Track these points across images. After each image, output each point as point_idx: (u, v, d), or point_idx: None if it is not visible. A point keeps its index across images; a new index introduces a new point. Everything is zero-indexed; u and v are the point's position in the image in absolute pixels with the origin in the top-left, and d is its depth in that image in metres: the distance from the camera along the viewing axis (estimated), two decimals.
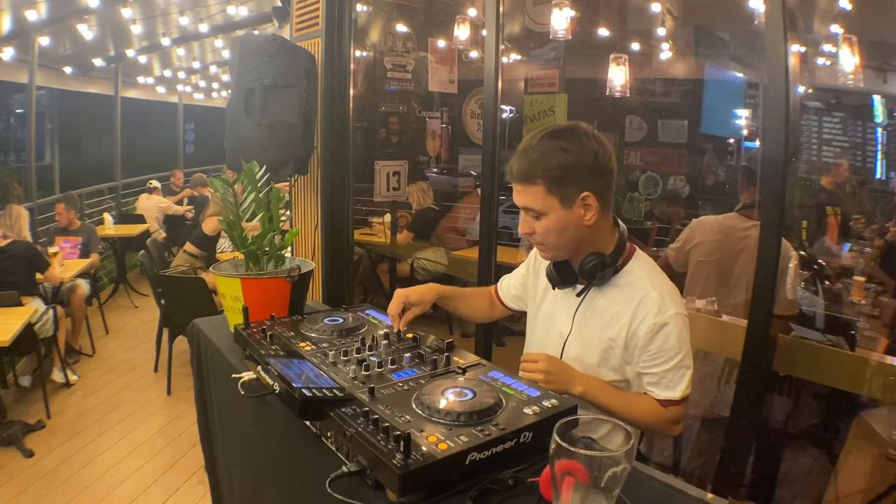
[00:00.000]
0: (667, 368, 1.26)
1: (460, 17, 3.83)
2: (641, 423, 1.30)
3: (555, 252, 1.32)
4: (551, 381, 1.20)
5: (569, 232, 1.26)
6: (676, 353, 1.25)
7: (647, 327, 1.25)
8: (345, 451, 0.97)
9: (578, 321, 1.36)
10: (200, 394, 1.73)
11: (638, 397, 1.31)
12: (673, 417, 1.29)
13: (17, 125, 12.03)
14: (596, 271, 1.28)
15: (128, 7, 6.02)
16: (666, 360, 1.26)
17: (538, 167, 1.22)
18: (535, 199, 1.24)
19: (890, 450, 1.87)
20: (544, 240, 1.29)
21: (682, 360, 1.26)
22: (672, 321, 1.24)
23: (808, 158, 4.07)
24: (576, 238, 1.28)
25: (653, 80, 4.73)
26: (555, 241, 1.28)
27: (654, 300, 1.26)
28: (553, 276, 1.37)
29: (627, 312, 1.28)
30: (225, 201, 1.63)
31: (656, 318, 1.24)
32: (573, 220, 1.25)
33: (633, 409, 1.28)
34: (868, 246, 2.82)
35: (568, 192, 1.23)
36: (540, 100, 3.84)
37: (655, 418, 1.28)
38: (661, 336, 1.25)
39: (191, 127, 13.89)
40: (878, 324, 2.25)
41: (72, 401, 3.99)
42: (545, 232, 1.27)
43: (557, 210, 1.24)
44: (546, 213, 1.25)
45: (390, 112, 4.24)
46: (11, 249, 3.99)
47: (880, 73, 3.55)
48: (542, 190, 1.23)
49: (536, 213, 1.26)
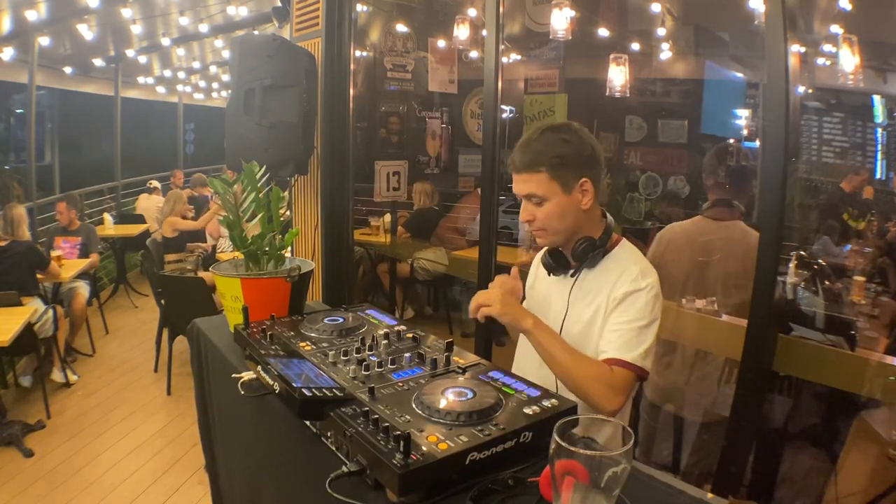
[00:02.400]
0: (627, 328, 1.32)
1: (460, 17, 3.83)
2: (580, 381, 1.27)
3: (554, 237, 1.41)
4: (505, 311, 1.25)
5: (568, 216, 1.37)
6: (641, 318, 1.32)
7: (621, 292, 1.35)
8: (345, 451, 0.97)
9: (573, 301, 1.44)
10: (200, 394, 1.73)
11: (586, 357, 1.34)
12: (615, 382, 1.28)
13: (17, 125, 12.03)
14: (587, 252, 1.39)
15: (128, 7, 6.02)
16: (629, 320, 1.32)
17: (542, 156, 1.34)
18: (538, 186, 1.35)
19: (890, 450, 1.87)
20: (545, 225, 1.38)
21: (644, 327, 1.32)
22: (645, 290, 1.34)
23: (809, 158, 4.07)
24: (574, 222, 1.39)
25: (653, 80, 4.73)
26: (556, 226, 1.38)
27: (633, 272, 1.37)
28: (549, 263, 1.47)
29: (609, 281, 1.38)
30: (225, 201, 1.63)
31: (631, 285, 1.35)
32: (572, 205, 1.36)
33: (577, 362, 1.30)
34: (868, 246, 2.82)
35: (568, 179, 1.34)
36: (540, 100, 3.84)
37: (596, 378, 1.28)
38: (630, 299, 1.34)
39: (191, 127, 13.89)
40: (878, 324, 2.25)
41: (72, 401, 3.99)
42: (547, 217, 1.37)
43: (559, 195, 1.35)
44: (548, 199, 1.36)
45: (390, 112, 4.24)
46: (12, 249, 4.00)
47: (880, 73, 3.55)
48: (546, 177, 1.34)
49: (540, 198, 1.36)
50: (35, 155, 7.35)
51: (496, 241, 2.67)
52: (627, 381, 1.30)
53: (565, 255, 1.45)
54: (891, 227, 3.02)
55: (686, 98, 4.67)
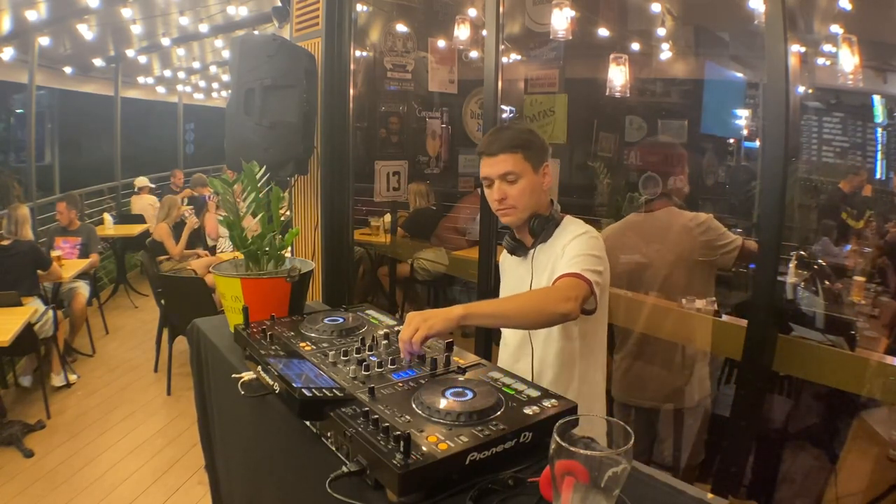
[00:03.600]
0: (573, 257, 1.46)
1: (460, 17, 3.83)
2: (530, 307, 1.37)
3: (521, 213, 1.58)
4: (430, 325, 1.22)
5: (535, 194, 1.57)
6: (586, 251, 1.47)
7: (567, 240, 1.52)
8: (345, 451, 0.97)
9: (535, 272, 1.60)
10: (200, 394, 1.73)
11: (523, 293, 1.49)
12: (563, 286, 1.39)
13: (17, 125, 12.02)
14: (543, 225, 1.57)
15: (128, 7, 6.02)
16: (575, 254, 1.47)
17: (517, 139, 1.55)
18: (515, 164, 1.53)
19: (890, 450, 1.87)
20: (517, 202, 1.56)
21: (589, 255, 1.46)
22: (588, 234, 1.53)
23: (809, 158, 4.07)
24: (537, 201, 1.58)
25: (653, 80, 4.72)
26: (525, 202, 1.56)
27: (576, 228, 1.57)
28: (511, 244, 1.65)
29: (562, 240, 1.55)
30: (225, 201, 1.63)
31: (574, 233, 1.53)
32: (538, 185, 1.57)
33: (521, 299, 1.44)
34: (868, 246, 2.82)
35: (536, 161, 1.56)
36: (540, 100, 3.83)
37: (545, 295, 1.41)
38: (575, 241, 1.51)
39: (191, 127, 13.87)
40: (878, 324, 2.25)
41: (72, 401, 3.99)
42: (520, 194, 1.55)
43: (530, 174, 1.55)
44: (522, 176, 1.54)
45: (390, 112, 4.23)
46: (15, 248, 4.00)
47: (880, 73, 3.55)
48: (521, 157, 1.54)
49: (516, 175, 1.54)
50: (35, 155, 7.34)
51: (496, 241, 2.67)
52: (575, 284, 1.40)
53: (521, 238, 1.63)
54: (891, 228, 3.02)
55: (686, 98, 4.67)
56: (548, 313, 1.35)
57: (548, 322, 1.41)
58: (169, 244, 5.42)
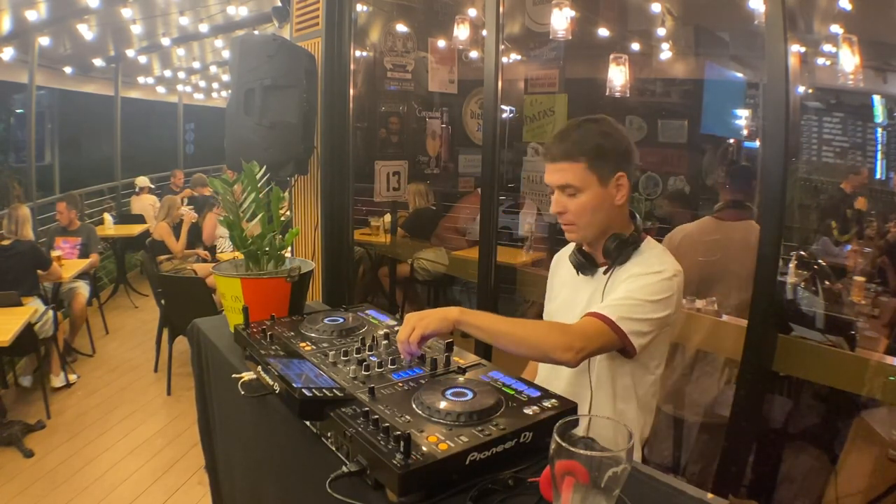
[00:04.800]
0: (624, 294, 1.26)
1: (460, 17, 3.83)
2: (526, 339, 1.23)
3: (584, 231, 1.37)
4: (426, 324, 1.17)
5: (602, 211, 1.33)
6: (641, 293, 1.25)
7: (630, 273, 1.31)
8: (345, 451, 0.97)
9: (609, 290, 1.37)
10: (200, 394, 1.73)
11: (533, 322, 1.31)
12: (575, 328, 1.23)
13: (17, 125, 12.02)
14: (622, 249, 1.34)
15: (128, 7, 6.02)
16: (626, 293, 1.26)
17: (581, 146, 1.31)
18: (575, 176, 1.31)
19: (890, 450, 1.87)
20: (577, 218, 1.34)
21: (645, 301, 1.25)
22: (657, 273, 1.28)
23: (809, 158, 4.07)
24: (606, 218, 1.35)
25: (653, 80, 4.72)
26: (588, 219, 1.34)
27: (650, 260, 1.34)
28: (579, 261, 1.42)
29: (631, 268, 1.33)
30: (225, 201, 1.63)
31: (643, 268, 1.31)
32: (607, 199, 1.33)
33: (523, 326, 1.28)
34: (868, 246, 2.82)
35: (605, 171, 1.31)
36: (540, 100, 3.84)
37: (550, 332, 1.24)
38: (638, 278, 1.29)
39: (191, 127, 13.87)
40: (878, 324, 2.25)
41: (72, 401, 3.99)
42: (580, 209, 1.33)
43: (595, 187, 1.31)
44: (583, 190, 1.32)
45: (390, 112, 4.23)
46: (15, 248, 4.00)
47: (880, 73, 3.55)
48: (584, 167, 1.31)
49: (575, 189, 1.32)
50: (35, 155, 7.35)
51: (496, 242, 2.67)
52: (596, 330, 1.22)
53: (592, 254, 1.41)
54: (891, 228, 3.02)
55: (686, 98, 4.67)
56: (541, 353, 1.23)
57: (542, 360, 1.29)
58: (170, 242, 5.42)
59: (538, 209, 3.82)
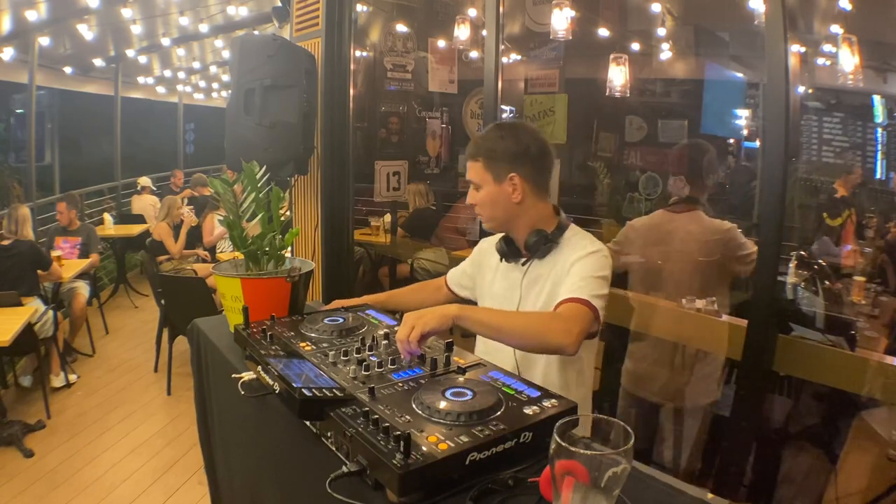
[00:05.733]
0: (580, 279, 1.40)
1: (460, 17, 3.83)
2: (532, 329, 1.31)
3: (490, 222, 1.56)
4: (425, 322, 1.20)
5: (499, 206, 1.51)
6: (593, 272, 1.41)
7: (574, 258, 1.46)
8: (345, 451, 0.97)
9: (525, 289, 1.55)
10: (200, 394, 1.73)
11: (528, 311, 1.43)
12: (569, 314, 1.32)
13: (17, 125, 12.02)
14: (539, 244, 1.51)
15: (128, 7, 6.02)
16: (582, 276, 1.40)
17: (479, 148, 1.51)
18: (475, 173, 1.52)
19: (890, 450, 1.87)
20: (481, 210, 1.54)
21: (597, 277, 1.40)
22: (596, 253, 1.46)
23: (809, 158, 4.07)
24: (506, 213, 1.51)
25: (653, 80, 4.72)
26: (489, 212, 1.53)
27: (584, 244, 1.49)
28: (503, 249, 1.58)
29: (562, 259, 1.49)
30: (225, 201, 1.63)
31: (582, 251, 1.46)
32: (502, 196, 1.49)
33: (524, 319, 1.37)
34: (868, 246, 2.82)
35: (499, 171, 1.49)
36: (540, 100, 3.83)
37: (550, 319, 1.33)
38: (583, 261, 1.44)
39: (191, 127, 13.87)
40: (878, 324, 2.25)
41: (72, 401, 3.99)
42: (481, 202, 1.52)
43: (490, 184, 1.50)
44: (482, 186, 1.51)
45: (390, 112, 4.23)
46: (15, 248, 4.00)
47: (880, 73, 3.54)
48: (481, 166, 1.50)
49: (476, 184, 1.52)
50: (35, 155, 7.34)
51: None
52: (581, 313, 1.33)
53: (517, 244, 1.57)
54: (891, 228, 3.02)
55: (686, 98, 4.66)
56: (545, 342, 1.30)
57: (542, 350, 1.35)
58: (168, 243, 5.42)
59: None
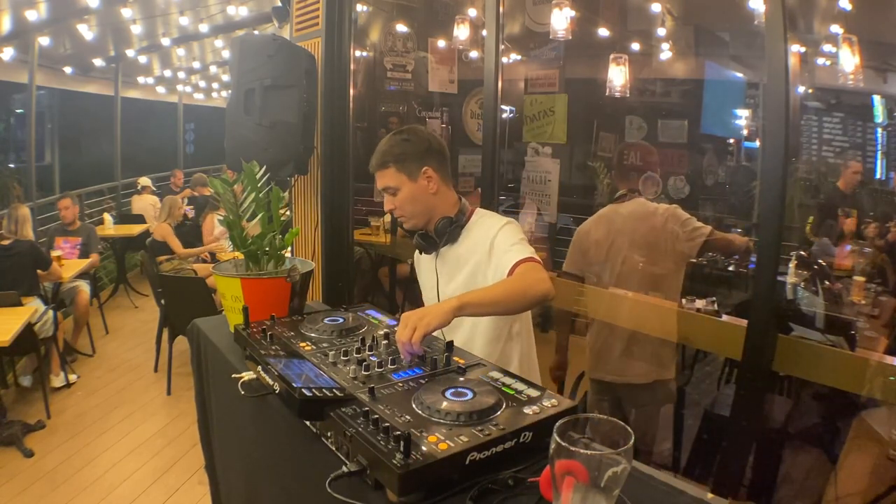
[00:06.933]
0: (513, 245, 1.54)
1: (460, 17, 3.83)
2: (516, 292, 1.43)
3: (414, 220, 1.65)
4: (427, 322, 1.22)
5: (419, 201, 1.62)
6: (519, 238, 1.57)
7: (493, 233, 1.59)
8: (345, 451, 0.97)
9: (441, 271, 1.69)
10: (200, 394, 1.73)
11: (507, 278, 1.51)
12: (530, 270, 1.47)
13: (17, 125, 12.02)
14: (446, 228, 1.63)
15: (128, 7, 6.02)
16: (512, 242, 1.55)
17: (387, 155, 1.61)
18: (390, 179, 1.61)
19: (890, 450, 1.87)
20: (403, 210, 1.63)
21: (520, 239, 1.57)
22: (509, 224, 1.61)
23: (809, 158, 4.07)
24: (426, 205, 1.63)
25: (653, 80, 4.72)
26: (411, 210, 1.63)
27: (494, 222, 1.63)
28: (420, 243, 1.70)
29: (480, 239, 1.61)
30: (225, 201, 1.63)
31: (497, 227, 1.60)
32: (421, 191, 1.61)
33: (505, 285, 1.46)
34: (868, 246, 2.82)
35: (412, 169, 1.60)
36: (540, 100, 3.83)
37: (521, 280, 1.46)
38: (503, 232, 1.58)
39: (191, 127, 13.87)
40: (878, 324, 2.25)
41: (72, 401, 4.00)
42: (402, 203, 1.62)
43: (407, 184, 1.61)
44: (400, 188, 1.61)
45: (390, 112, 4.23)
46: (15, 248, 4.00)
47: (880, 73, 3.54)
48: (393, 171, 1.60)
49: (394, 189, 1.61)
50: (35, 155, 7.35)
51: None
52: (537, 266, 1.49)
53: (431, 235, 1.67)
54: (891, 227, 3.02)
55: (686, 98, 4.66)
56: (531, 295, 1.42)
57: (531, 304, 1.47)
58: (173, 243, 5.41)
59: (538, 209, 3.82)
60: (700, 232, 2.37)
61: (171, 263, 5.27)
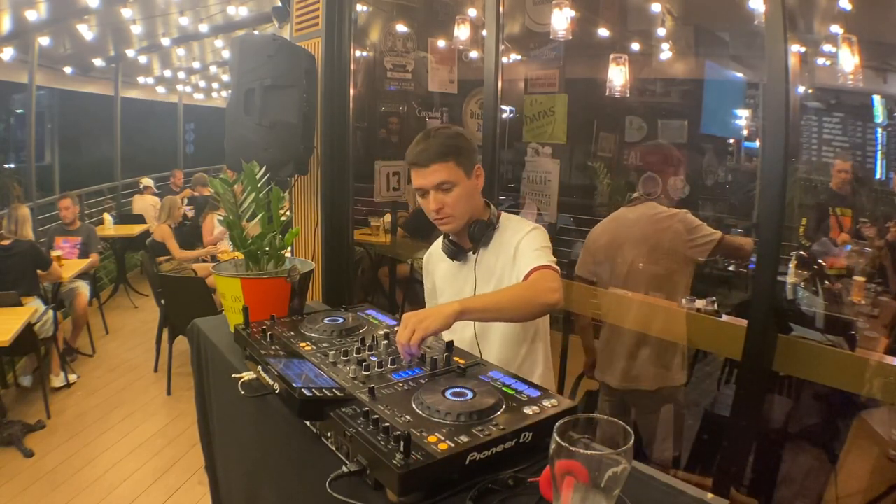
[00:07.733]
0: (533, 251, 1.51)
1: (460, 17, 3.83)
2: (521, 299, 1.40)
3: (460, 221, 1.57)
4: (426, 326, 1.21)
5: (472, 199, 1.58)
6: (541, 245, 1.53)
7: (518, 238, 1.56)
8: (345, 451, 0.97)
9: (479, 278, 1.62)
10: (200, 394, 1.73)
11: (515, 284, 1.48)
12: (549, 277, 1.44)
13: (17, 125, 12.03)
14: (483, 230, 1.59)
15: (128, 7, 6.03)
16: (533, 248, 1.52)
17: (448, 147, 1.52)
18: (449, 173, 1.51)
19: (890, 450, 1.87)
20: (454, 209, 1.54)
21: (545, 248, 1.53)
22: (535, 230, 1.58)
23: (809, 158, 4.07)
24: (474, 206, 1.59)
25: (653, 80, 4.72)
26: (463, 208, 1.56)
27: (520, 227, 1.60)
28: (452, 250, 1.65)
29: (505, 244, 1.58)
30: (225, 201, 1.63)
31: (522, 232, 1.57)
32: (474, 189, 1.58)
33: (513, 291, 1.43)
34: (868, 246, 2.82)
35: (468, 165, 1.55)
36: (540, 100, 3.83)
37: (531, 287, 1.43)
38: (527, 238, 1.55)
39: (191, 127, 13.88)
40: (877, 324, 2.25)
41: (72, 401, 4.00)
42: (456, 201, 1.54)
43: (464, 180, 1.54)
44: (457, 184, 1.53)
45: (390, 112, 4.23)
46: (15, 248, 4.00)
47: (880, 73, 3.54)
48: (454, 164, 1.52)
49: (451, 184, 1.52)
50: (35, 155, 7.35)
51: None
52: (551, 274, 1.46)
53: (459, 242, 1.64)
54: (891, 227, 3.02)
55: (686, 98, 4.66)
56: (537, 304, 1.38)
57: (537, 313, 1.44)
58: (172, 245, 5.41)
59: (539, 209, 3.82)
60: (710, 238, 2.34)
61: (171, 263, 5.28)
